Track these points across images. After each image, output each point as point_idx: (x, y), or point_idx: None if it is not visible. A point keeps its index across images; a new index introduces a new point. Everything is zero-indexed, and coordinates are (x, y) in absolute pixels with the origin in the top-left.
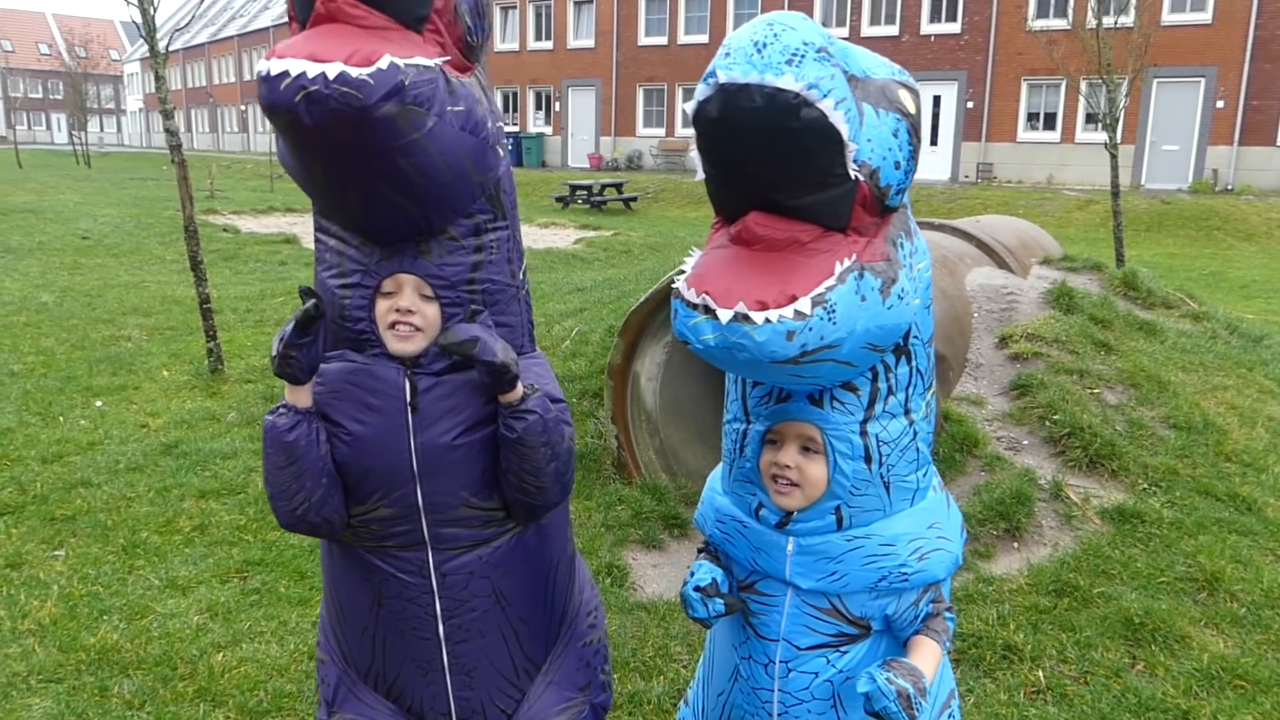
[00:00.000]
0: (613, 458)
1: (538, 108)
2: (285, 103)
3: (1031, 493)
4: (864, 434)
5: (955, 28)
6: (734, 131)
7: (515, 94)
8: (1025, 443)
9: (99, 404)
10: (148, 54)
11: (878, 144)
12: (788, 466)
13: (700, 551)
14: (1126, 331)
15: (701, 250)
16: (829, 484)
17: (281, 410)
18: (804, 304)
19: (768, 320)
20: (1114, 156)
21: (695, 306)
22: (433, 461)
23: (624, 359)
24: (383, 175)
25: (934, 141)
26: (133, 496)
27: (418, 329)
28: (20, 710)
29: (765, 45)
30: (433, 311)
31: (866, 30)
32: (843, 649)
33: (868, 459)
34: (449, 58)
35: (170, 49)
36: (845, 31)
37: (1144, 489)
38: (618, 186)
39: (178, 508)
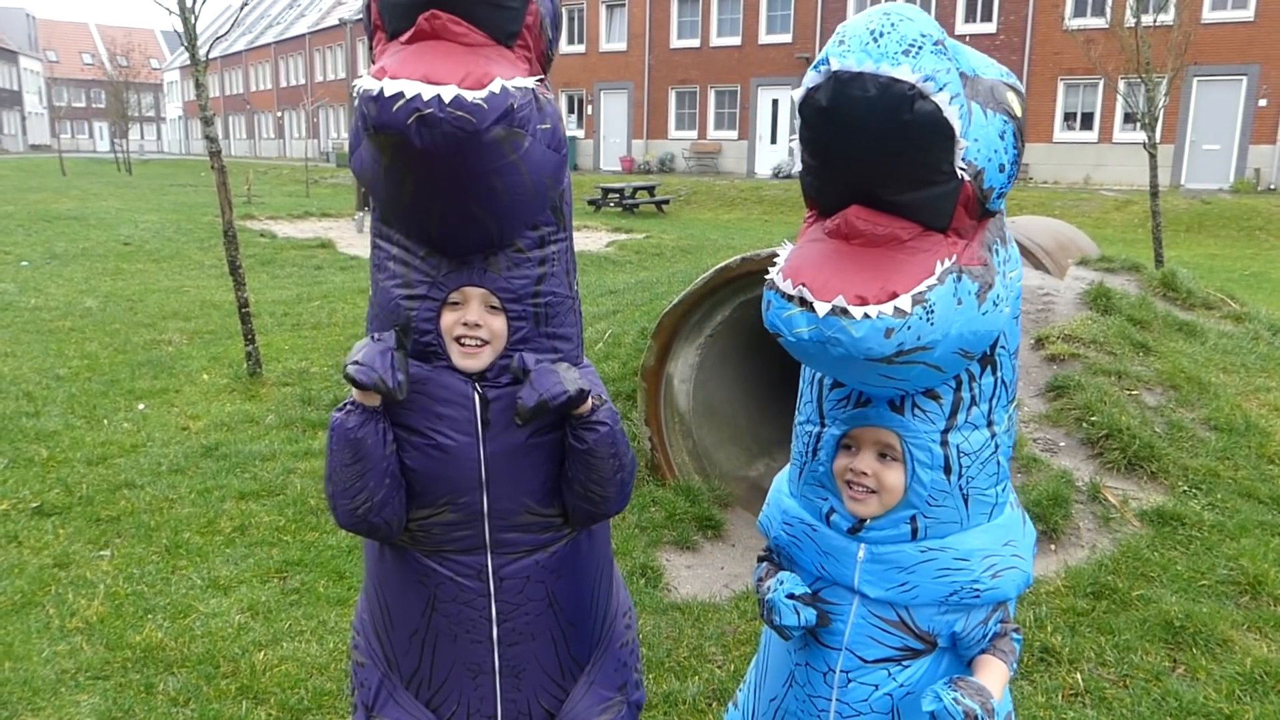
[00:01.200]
0: (646, 459)
1: (570, 111)
2: (397, 124)
3: (1069, 494)
4: (944, 444)
5: (991, 27)
6: (843, 121)
7: None
8: (1062, 444)
9: (141, 407)
10: (188, 62)
11: (984, 144)
12: (864, 473)
13: (761, 560)
14: (1166, 332)
15: (794, 243)
16: (905, 493)
17: (350, 408)
18: (904, 301)
19: (866, 316)
20: (1153, 156)
21: (790, 298)
22: (500, 468)
23: (657, 361)
24: (474, 195)
25: None
26: (175, 498)
27: (484, 342)
28: (69, 706)
29: (882, 34)
30: (499, 324)
31: None
32: (905, 663)
33: (947, 469)
34: (541, 76)
35: (210, 57)
36: None
37: (1184, 491)
38: (650, 189)
39: (218, 509)
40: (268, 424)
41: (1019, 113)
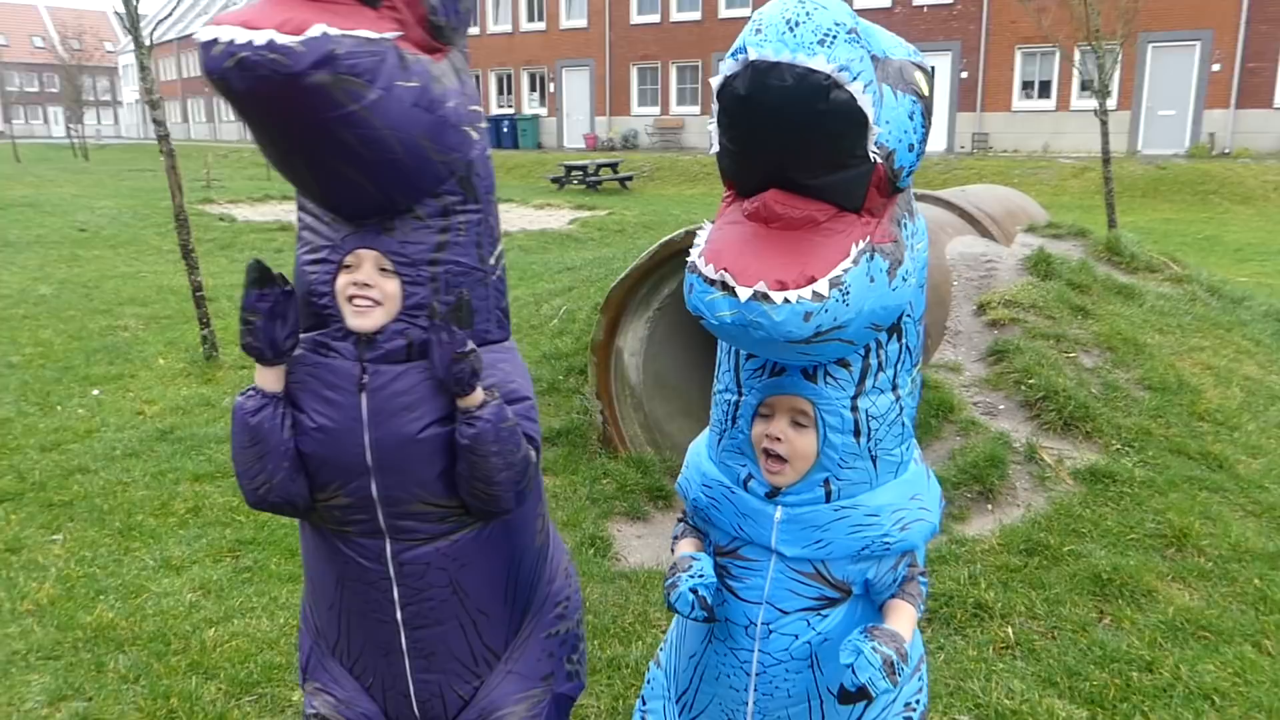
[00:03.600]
0: (599, 433)
1: (532, 89)
2: (217, 69)
3: (1005, 455)
4: (854, 409)
5: None
6: (760, 109)
7: (509, 76)
8: (1001, 407)
9: (96, 393)
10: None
11: (895, 126)
12: (778, 439)
13: (680, 520)
14: (1104, 296)
15: (712, 223)
16: (818, 457)
17: (250, 392)
18: (822, 286)
19: (786, 300)
20: (1104, 123)
21: (713, 282)
22: (388, 456)
23: (606, 335)
24: (324, 146)
25: None
26: (129, 481)
27: (376, 303)
28: (20, 686)
29: (798, 24)
30: (392, 287)
31: (859, 2)
32: (823, 612)
33: (857, 433)
34: (402, 33)
35: (163, 39)
36: None
37: (1117, 449)
38: (613, 166)
39: (173, 491)
40: (224, 407)
41: (926, 92)
